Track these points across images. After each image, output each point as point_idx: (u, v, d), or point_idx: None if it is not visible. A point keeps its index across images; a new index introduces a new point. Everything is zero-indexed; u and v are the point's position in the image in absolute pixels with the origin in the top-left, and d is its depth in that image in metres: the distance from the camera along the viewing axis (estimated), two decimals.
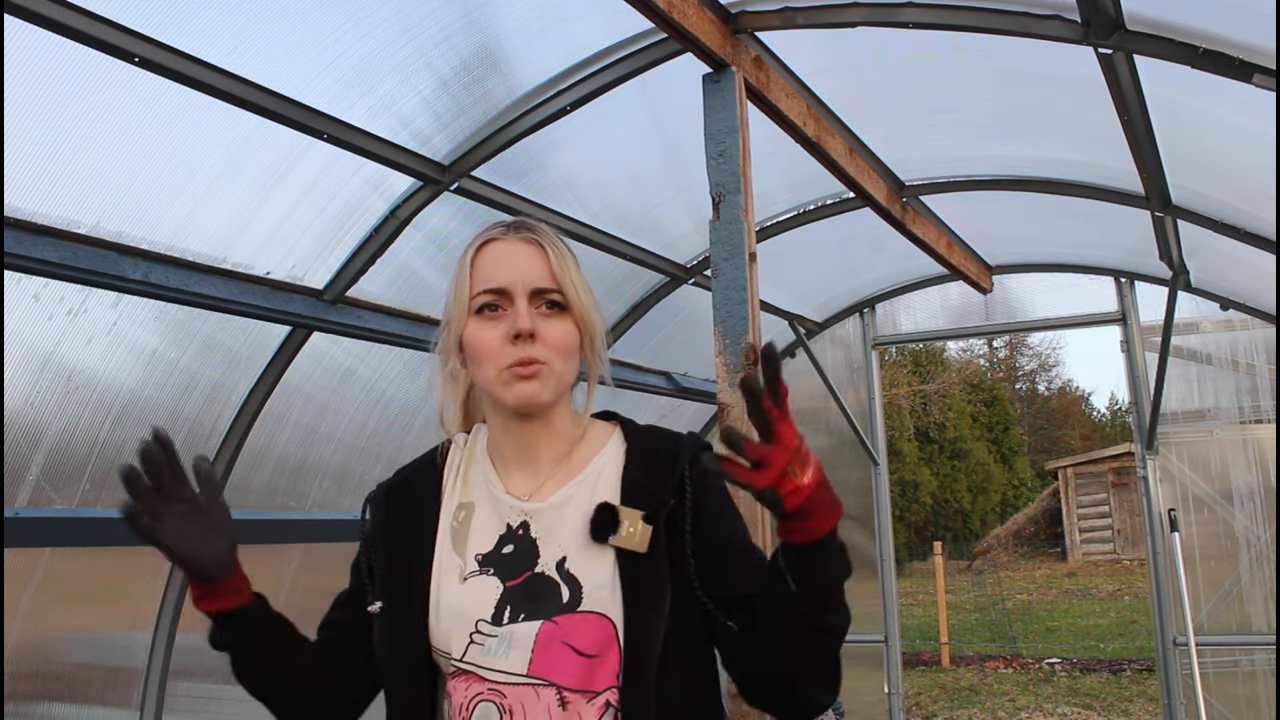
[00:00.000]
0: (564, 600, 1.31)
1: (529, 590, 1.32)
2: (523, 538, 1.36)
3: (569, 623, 1.30)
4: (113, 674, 3.43)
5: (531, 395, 1.35)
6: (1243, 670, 5.14)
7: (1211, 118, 3.19)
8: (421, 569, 1.37)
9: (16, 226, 2.51)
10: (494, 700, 1.30)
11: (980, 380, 28.60)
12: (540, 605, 1.31)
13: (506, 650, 1.30)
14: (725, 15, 2.69)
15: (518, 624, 1.30)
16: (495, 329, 1.36)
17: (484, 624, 1.31)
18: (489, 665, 1.30)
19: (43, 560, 3.15)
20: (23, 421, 2.93)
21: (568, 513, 1.36)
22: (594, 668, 1.29)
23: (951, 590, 15.80)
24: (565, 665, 1.28)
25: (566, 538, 1.34)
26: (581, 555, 1.33)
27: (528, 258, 1.38)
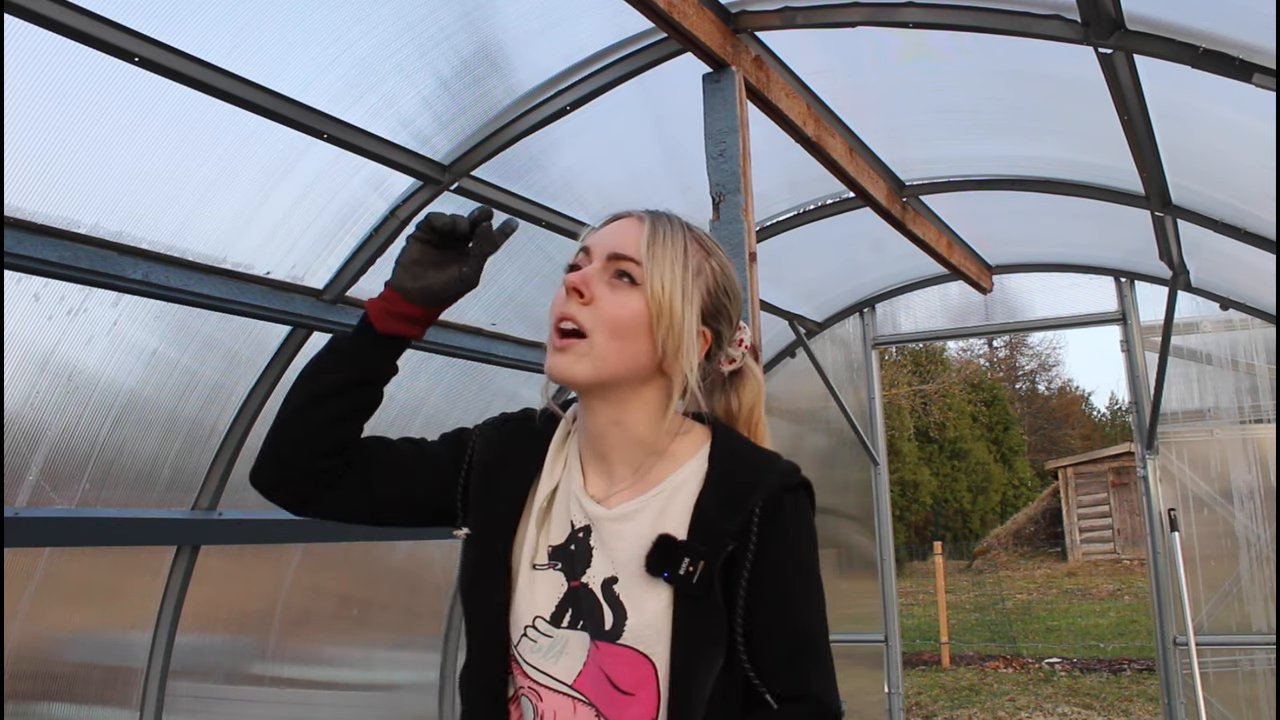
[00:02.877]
0: (606, 626, 1.20)
1: (584, 599, 1.23)
2: (583, 540, 1.25)
3: (608, 651, 1.20)
4: (113, 674, 3.43)
5: (560, 368, 1.23)
6: (1243, 670, 5.14)
7: (1212, 118, 3.19)
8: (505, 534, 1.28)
9: (16, 226, 2.50)
10: (531, 700, 1.23)
11: (980, 380, 28.60)
12: (591, 620, 1.22)
13: (558, 655, 1.22)
14: (725, 15, 2.69)
15: (576, 631, 1.22)
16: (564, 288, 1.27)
17: (541, 621, 1.23)
18: (535, 664, 1.23)
19: (43, 560, 3.15)
20: (23, 421, 2.93)
21: (629, 530, 1.23)
22: (629, 706, 1.19)
23: (951, 590, 15.80)
24: (604, 693, 1.20)
25: (622, 558, 1.22)
26: (634, 582, 1.20)
27: (626, 227, 1.29)
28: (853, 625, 6.03)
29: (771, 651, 1.20)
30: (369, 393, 1.31)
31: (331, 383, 1.28)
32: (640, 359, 1.25)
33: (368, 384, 1.30)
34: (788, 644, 1.21)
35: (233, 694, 3.86)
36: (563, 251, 4.10)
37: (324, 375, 1.29)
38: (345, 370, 1.29)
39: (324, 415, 1.28)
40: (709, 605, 1.18)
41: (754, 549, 1.20)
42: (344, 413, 1.29)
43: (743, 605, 1.19)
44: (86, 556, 3.30)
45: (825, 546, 6.31)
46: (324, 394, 1.28)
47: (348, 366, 1.29)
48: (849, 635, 6.01)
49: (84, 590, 3.36)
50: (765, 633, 1.20)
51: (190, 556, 3.54)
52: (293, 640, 4.06)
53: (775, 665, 1.19)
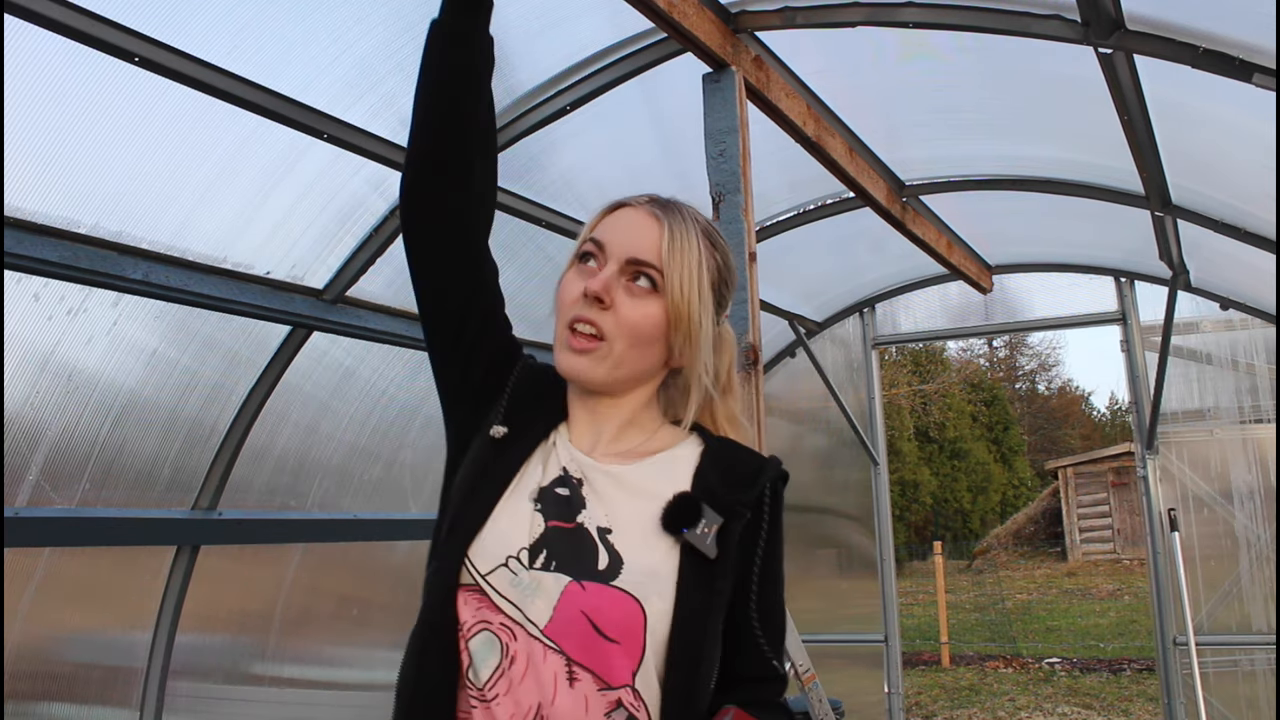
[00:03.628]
0: (600, 566, 1.18)
1: (570, 540, 1.20)
2: (576, 487, 1.24)
3: (596, 592, 1.17)
4: (112, 674, 3.43)
5: (576, 370, 1.25)
6: (1243, 670, 5.14)
7: (1212, 118, 3.19)
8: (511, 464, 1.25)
9: (16, 226, 2.51)
10: (501, 637, 1.16)
11: (980, 380, 28.60)
12: (576, 562, 1.18)
13: (533, 595, 1.17)
14: (725, 15, 2.69)
15: (548, 572, 1.18)
16: (579, 282, 1.26)
17: (524, 554, 1.19)
18: (514, 600, 1.17)
19: (43, 560, 3.15)
20: (23, 421, 2.93)
21: (625, 487, 1.24)
22: (609, 654, 1.15)
23: (951, 590, 15.81)
24: (576, 638, 1.16)
25: (619, 512, 1.22)
26: (634, 535, 1.21)
27: (643, 227, 1.28)
28: (853, 625, 6.03)
29: (769, 628, 1.25)
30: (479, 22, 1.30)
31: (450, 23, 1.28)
32: (654, 362, 1.29)
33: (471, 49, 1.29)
34: (779, 624, 1.28)
35: (233, 694, 3.86)
36: (562, 251, 4.06)
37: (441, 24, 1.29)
38: (450, 43, 1.28)
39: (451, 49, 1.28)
40: (719, 569, 1.20)
41: (767, 525, 1.26)
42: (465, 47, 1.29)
43: (757, 578, 1.24)
44: (86, 556, 3.30)
45: (825, 546, 6.31)
46: (446, 31, 1.28)
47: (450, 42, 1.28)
48: (849, 635, 6.01)
49: (84, 590, 3.36)
50: (767, 610, 1.26)
51: (190, 556, 3.54)
52: (293, 640, 4.06)
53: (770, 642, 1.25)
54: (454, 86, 1.29)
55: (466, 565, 1.19)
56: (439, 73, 1.29)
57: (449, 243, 1.30)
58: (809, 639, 3.80)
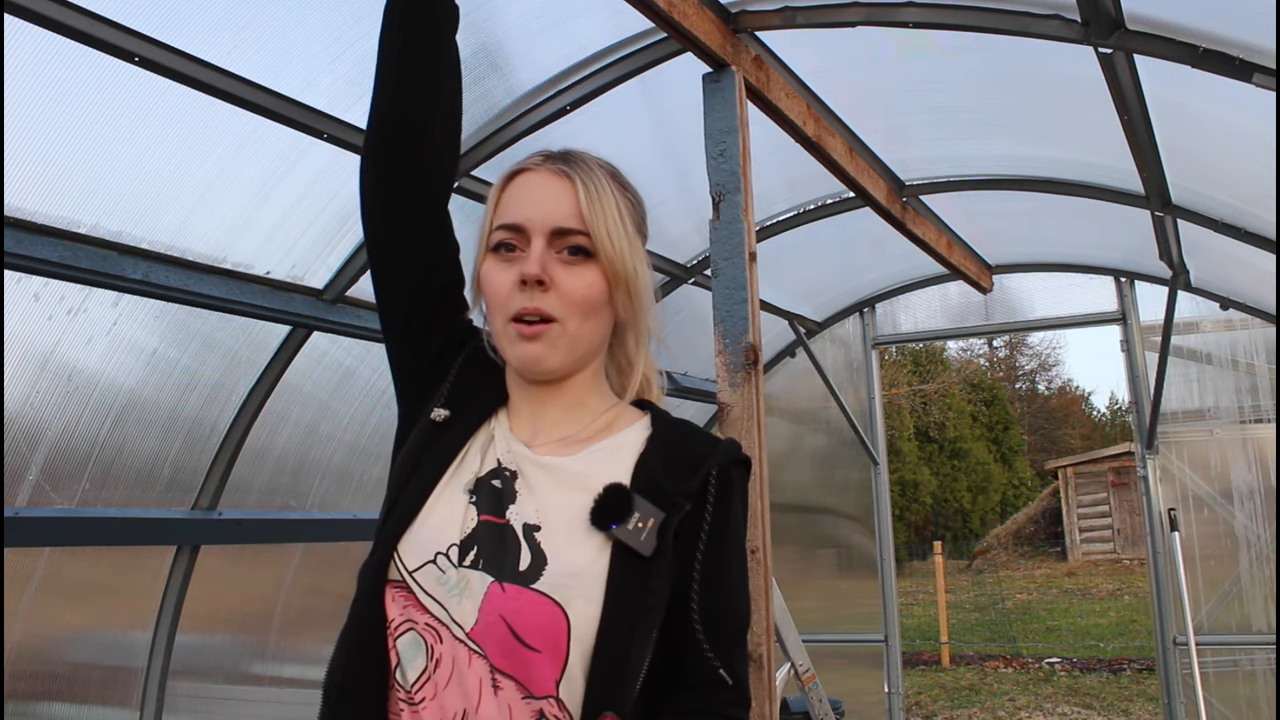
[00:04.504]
0: (521, 567, 1.10)
1: (496, 537, 1.12)
2: (509, 480, 1.17)
3: (514, 595, 1.08)
4: (113, 674, 3.43)
5: (535, 358, 1.17)
6: (1243, 670, 5.14)
7: (1212, 118, 3.19)
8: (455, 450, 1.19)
9: (16, 226, 2.51)
10: (426, 639, 1.10)
11: (980, 380, 28.59)
12: (499, 562, 1.10)
13: (460, 595, 1.09)
14: (725, 15, 2.68)
15: (475, 570, 1.10)
16: (507, 271, 1.18)
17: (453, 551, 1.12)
18: (439, 599, 1.10)
19: (43, 560, 3.15)
20: (23, 421, 2.93)
21: (559, 480, 1.16)
22: (531, 663, 1.07)
23: (951, 590, 15.80)
24: (496, 643, 1.08)
25: (550, 508, 1.14)
26: (564, 533, 1.12)
27: (554, 192, 1.20)
28: (853, 625, 6.03)
29: (714, 630, 1.14)
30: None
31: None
32: (606, 331, 1.23)
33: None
34: (729, 624, 1.16)
35: (233, 694, 3.86)
36: None
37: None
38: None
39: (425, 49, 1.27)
40: (656, 567, 1.10)
41: (710, 517, 1.15)
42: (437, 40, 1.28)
43: (698, 575, 1.13)
44: (86, 556, 3.30)
45: (825, 546, 6.31)
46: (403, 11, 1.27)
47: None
48: (849, 635, 6.01)
49: (84, 590, 3.36)
50: (711, 609, 1.14)
51: (190, 556, 3.54)
52: (293, 640, 4.06)
53: (714, 644, 1.13)
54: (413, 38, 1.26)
55: (395, 560, 1.13)
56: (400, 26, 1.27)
57: (409, 206, 1.25)
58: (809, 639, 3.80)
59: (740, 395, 2.33)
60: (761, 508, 2.28)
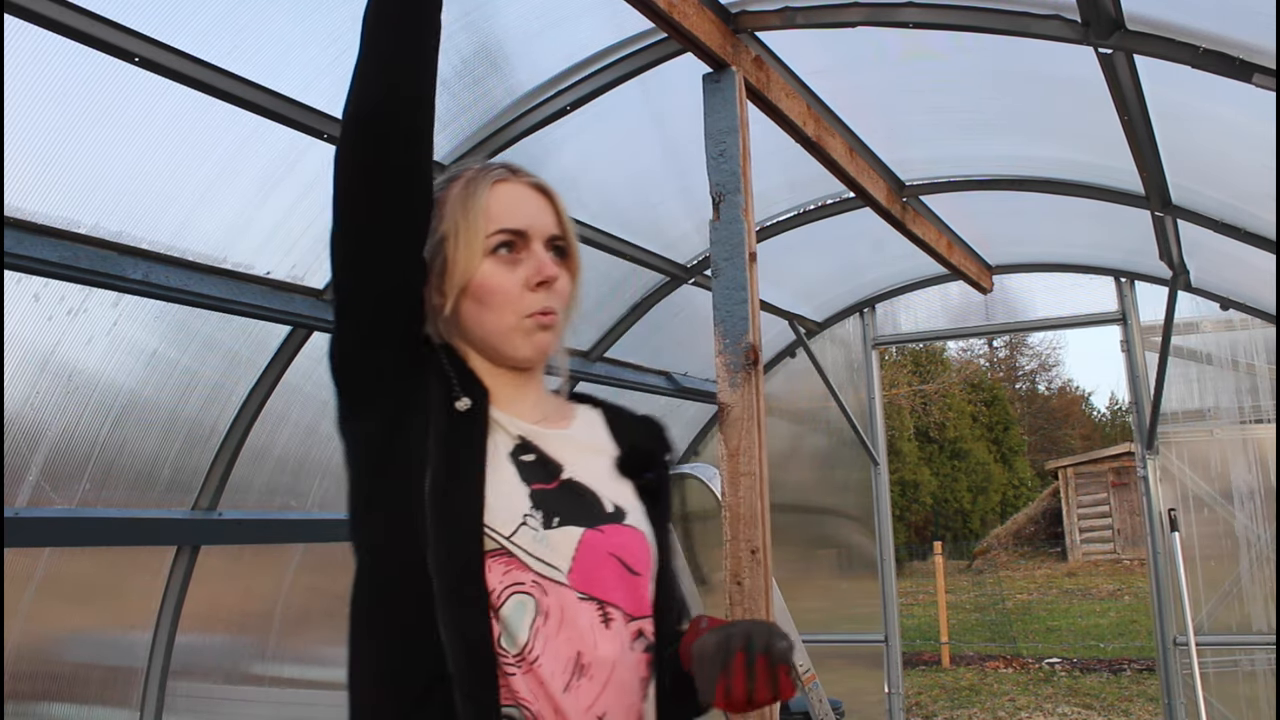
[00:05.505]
0: (608, 510, 1.26)
1: (564, 495, 1.23)
2: (540, 450, 1.26)
3: (617, 533, 1.24)
4: (113, 674, 3.43)
5: (549, 346, 1.31)
6: (1243, 670, 5.14)
7: (1212, 118, 3.19)
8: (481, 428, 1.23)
9: (16, 226, 2.51)
10: (534, 595, 1.16)
11: (980, 380, 28.60)
12: (580, 512, 1.22)
13: (553, 550, 1.18)
14: (725, 15, 2.68)
15: (554, 529, 1.19)
16: (513, 274, 1.27)
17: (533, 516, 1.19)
18: (539, 555, 1.17)
19: (43, 560, 3.15)
20: (23, 421, 2.93)
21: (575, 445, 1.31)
22: (636, 586, 1.24)
23: (951, 590, 15.80)
24: (609, 579, 1.20)
25: (583, 467, 1.28)
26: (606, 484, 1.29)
27: (542, 203, 1.32)
28: (853, 625, 6.03)
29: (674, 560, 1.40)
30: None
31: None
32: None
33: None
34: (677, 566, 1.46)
35: (233, 694, 3.86)
36: None
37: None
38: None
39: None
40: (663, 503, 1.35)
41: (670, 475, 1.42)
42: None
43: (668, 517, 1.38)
44: (86, 556, 3.30)
45: (825, 546, 6.31)
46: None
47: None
48: (849, 635, 6.01)
49: (84, 590, 3.36)
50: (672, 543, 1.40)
51: (190, 556, 3.54)
52: (293, 640, 4.06)
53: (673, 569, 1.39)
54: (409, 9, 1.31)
55: (488, 533, 1.16)
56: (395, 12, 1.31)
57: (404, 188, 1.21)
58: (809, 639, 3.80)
59: (740, 395, 2.33)
60: (761, 508, 2.28)
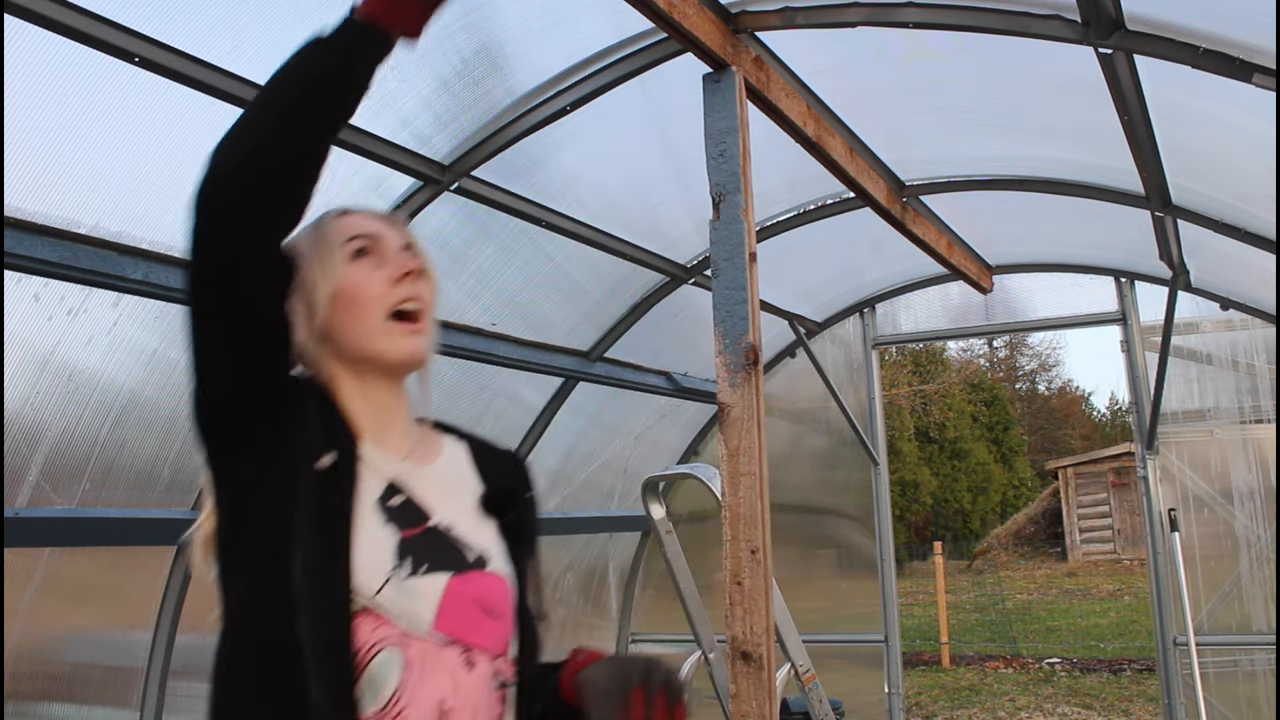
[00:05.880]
0: (469, 559, 1.27)
1: (429, 543, 1.24)
2: (409, 493, 1.27)
3: (479, 580, 1.26)
4: (113, 674, 3.43)
5: (419, 350, 1.30)
6: (1243, 670, 5.14)
7: (1212, 118, 3.19)
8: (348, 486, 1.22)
9: (16, 226, 2.51)
10: (400, 647, 1.18)
11: (980, 380, 28.61)
12: (444, 559, 1.24)
13: (417, 601, 1.20)
14: (725, 15, 2.68)
15: (421, 576, 1.21)
16: (376, 272, 1.28)
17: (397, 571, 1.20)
18: (403, 608, 1.19)
19: (43, 560, 3.15)
20: (23, 421, 2.93)
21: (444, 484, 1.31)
22: (497, 629, 1.26)
23: (951, 590, 15.81)
24: (473, 623, 1.23)
25: (450, 508, 1.29)
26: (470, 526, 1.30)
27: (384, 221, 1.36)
28: (853, 625, 6.03)
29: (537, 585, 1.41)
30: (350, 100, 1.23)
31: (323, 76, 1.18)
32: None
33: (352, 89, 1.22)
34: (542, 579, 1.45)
35: None
36: (563, 251, 4.10)
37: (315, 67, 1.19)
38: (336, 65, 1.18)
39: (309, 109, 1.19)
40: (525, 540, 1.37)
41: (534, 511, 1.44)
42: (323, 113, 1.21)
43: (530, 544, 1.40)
44: (86, 556, 3.30)
45: (825, 546, 6.31)
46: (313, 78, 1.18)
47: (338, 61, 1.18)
48: (849, 635, 6.01)
49: (84, 590, 3.36)
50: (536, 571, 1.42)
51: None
52: None
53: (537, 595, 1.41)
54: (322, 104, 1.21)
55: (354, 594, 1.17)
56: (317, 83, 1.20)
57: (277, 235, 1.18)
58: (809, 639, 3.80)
59: (740, 395, 2.33)
60: (761, 508, 2.28)
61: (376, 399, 1.31)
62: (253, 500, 1.21)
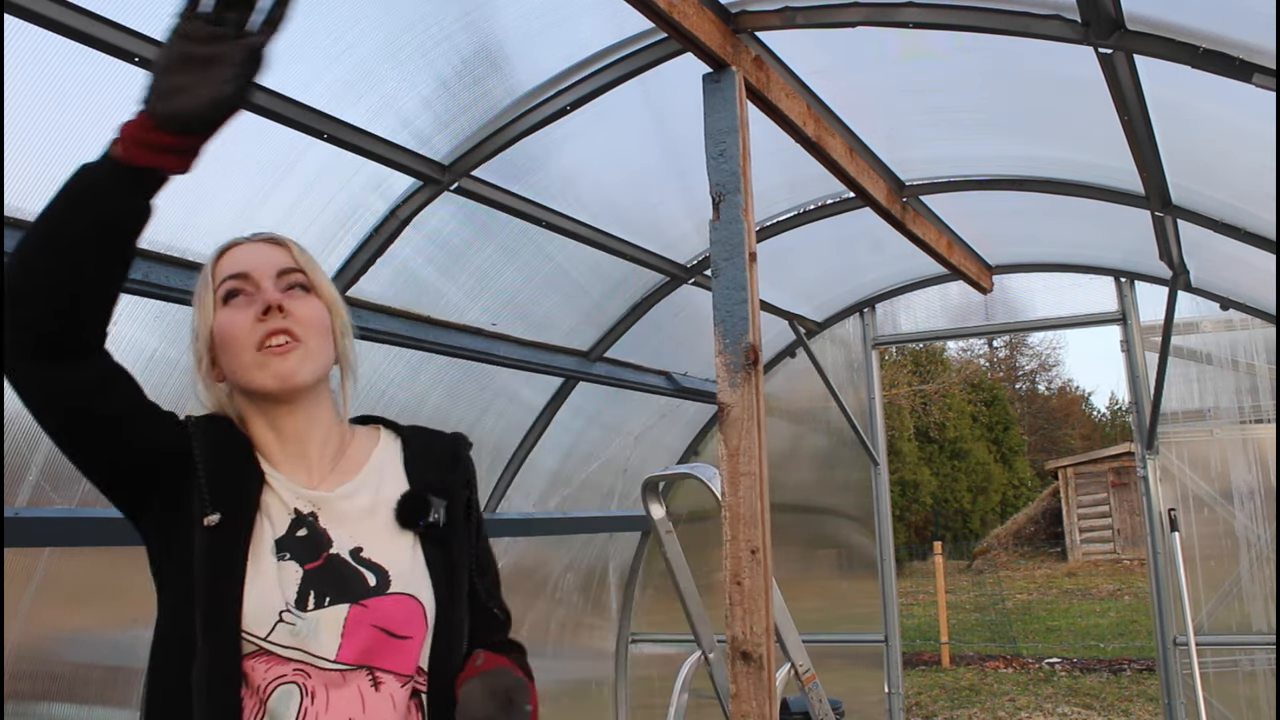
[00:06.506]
0: (371, 584, 1.31)
1: (331, 573, 1.30)
2: (313, 523, 1.34)
3: (379, 605, 1.30)
4: (113, 674, 3.43)
5: (289, 372, 1.33)
6: (1243, 670, 5.14)
7: (1212, 118, 3.19)
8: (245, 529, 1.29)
9: (17, 226, 2.51)
10: (298, 681, 1.26)
11: (980, 380, 28.61)
12: (345, 589, 1.30)
13: (315, 635, 1.27)
14: (725, 15, 2.68)
15: (324, 609, 1.28)
16: (244, 311, 1.35)
17: (290, 609, 1.27)
18: (298, 646, 1.26)
19: (43, 560, 3.15)
20: (23, 421, 2.92)
21: (357, 504, 1.37)
22: (404, 649, 1.31)
23: (951, 590, 15.81)
24: (377, 647, 1.29)
25: (360, 529, 1.35)
26: (381, 544, 1.35)
27: (269, 248, 1.42)
28: (853, 625, 6.03)
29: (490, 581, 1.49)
30: (124, 244, 1.28)
31: (84, 230, 1.24)
32: (332, 353, 1.42)
33: (126, 231, 1.27)
34: (495, 574, 1.52)
35: None
36: (563, 251, 4.10)
37: (74, 220, 1.24)
38: (102, 213, 1.25)
39: (71, 268, 1.22)
40: (455, 544, 1.40)
41: (471, 493, 1.47)
42: (106, 278, 1.26)
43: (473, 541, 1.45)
44: (86, 556, 3.30)
45: (825, 546, 6.31)
46: (74, 243, 1.23)
47: (103, 209, 1.25)
48: (849, 635, 6.01)
49: (84, 590, 3.36)
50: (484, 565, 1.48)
51: None
52: None
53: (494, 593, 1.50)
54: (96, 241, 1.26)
55: (246, 637, 1.25)
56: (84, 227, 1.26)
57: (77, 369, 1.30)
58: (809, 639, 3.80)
59: (740, 395, 2.33)
60: (761, 508, 2.28)
61: (282, 426, 1.38)
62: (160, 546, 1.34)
